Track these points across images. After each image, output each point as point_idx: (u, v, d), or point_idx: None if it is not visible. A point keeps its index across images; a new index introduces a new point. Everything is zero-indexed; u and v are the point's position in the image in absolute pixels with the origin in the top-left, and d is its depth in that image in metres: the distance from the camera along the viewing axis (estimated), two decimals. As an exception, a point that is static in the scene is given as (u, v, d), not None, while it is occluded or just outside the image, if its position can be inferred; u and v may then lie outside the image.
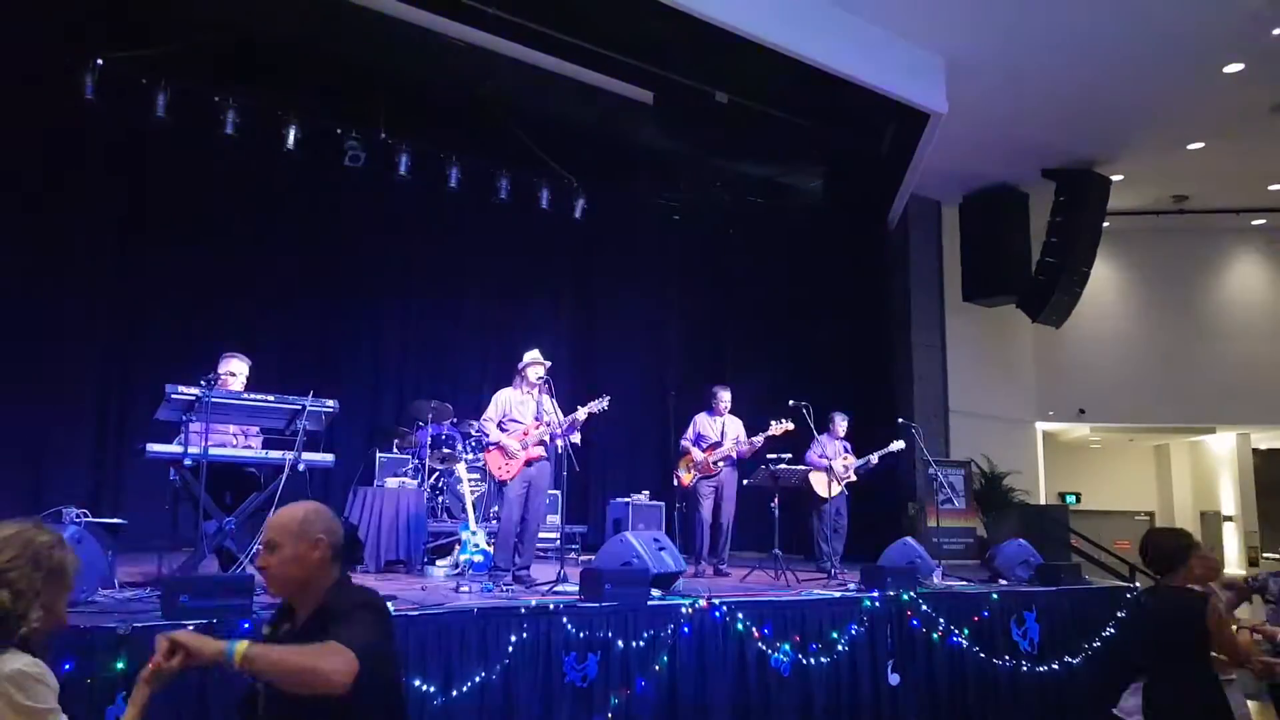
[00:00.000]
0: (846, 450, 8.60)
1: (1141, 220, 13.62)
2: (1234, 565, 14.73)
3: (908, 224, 12.46)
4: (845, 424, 8.60)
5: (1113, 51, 9.15)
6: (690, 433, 8.27)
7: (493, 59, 8.65)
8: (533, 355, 6.80)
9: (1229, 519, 15.19)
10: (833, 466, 8.21)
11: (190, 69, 8.29)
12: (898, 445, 8.17)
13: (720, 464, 8.04)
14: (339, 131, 9.11)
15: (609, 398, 6.73)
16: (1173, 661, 3.73)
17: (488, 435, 6.65)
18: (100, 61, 7.83)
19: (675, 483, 8.33)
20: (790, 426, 8.19)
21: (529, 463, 6.54)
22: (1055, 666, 6.97)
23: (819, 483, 8.27)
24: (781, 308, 12.34)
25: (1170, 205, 13.43)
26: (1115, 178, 11.91)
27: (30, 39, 7.80)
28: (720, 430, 8.17)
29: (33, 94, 7.98)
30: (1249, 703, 3.80)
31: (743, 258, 12.17)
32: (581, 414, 6.56)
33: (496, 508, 7.13)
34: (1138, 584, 8.58)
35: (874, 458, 8.24)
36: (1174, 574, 3.79)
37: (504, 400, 6.75)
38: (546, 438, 6.64)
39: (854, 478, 8.30)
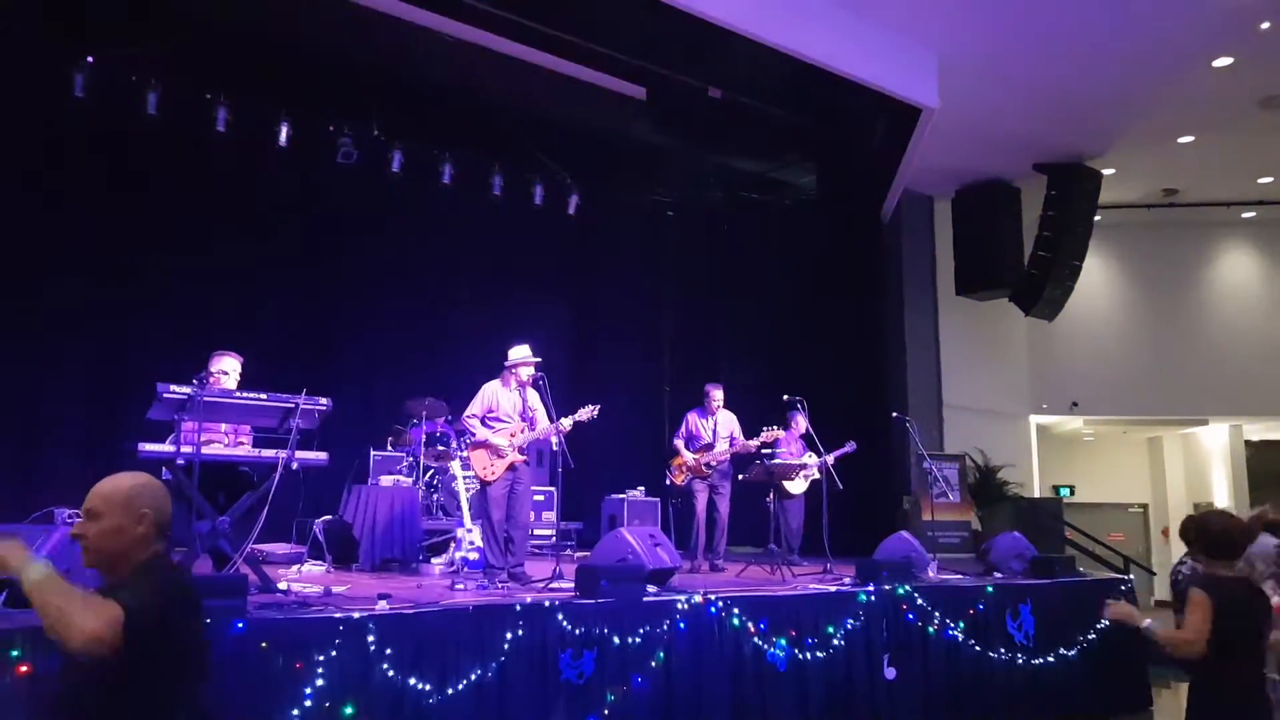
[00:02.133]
0: (804, 448, 8.57)
1: (1133, 214, 13.67)
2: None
3: (900, 218, 12.46)
4: (805, 422, 8.55)
5: (1103, 46, 9.17)
6: (682, 431, 8.26)
7: (486, 55, 8.63)
8: (522, 353, 6.66)
9: (1222, 511, 15.23)
10: (776, 466, 8.18)
11: (181, 67, 8.26)
12: (850, 447, 8.12)
13: (712, 465, 8.02)
14: (331, 129, 9.07)
15: (598, 406, 6.60)
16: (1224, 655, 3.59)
17: (473, 433, 6.58)
18: (91, 59, 7.79)
19: (668, 482, 8.32)
20: (780, 433, 8.19)
21: (512, 465, 6.47)
22: (1050, 659, 6.99)
23: (787, 480, 8.27)
24: (775, 303, 12.34)
25: (1161, 199, 13.48)
26: (1107, 171, 11.94)
27: (20, 36, 7.75)
28: (712, 429, 8.14)
29: (23, 91, 7.93)
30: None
31: (736, 253, 12.16)
32: (567, 423, 6.41)
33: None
34: (1131, 576, 8.61)
35: (829, 458, 8.16)
36: (1231, 563, 3.68)
37: (490, 395, 6.65)
38: (528, 441, 6.57)
39: (816, 475, 8.28)
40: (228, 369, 5.99)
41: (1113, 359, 14.46)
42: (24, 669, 3.29)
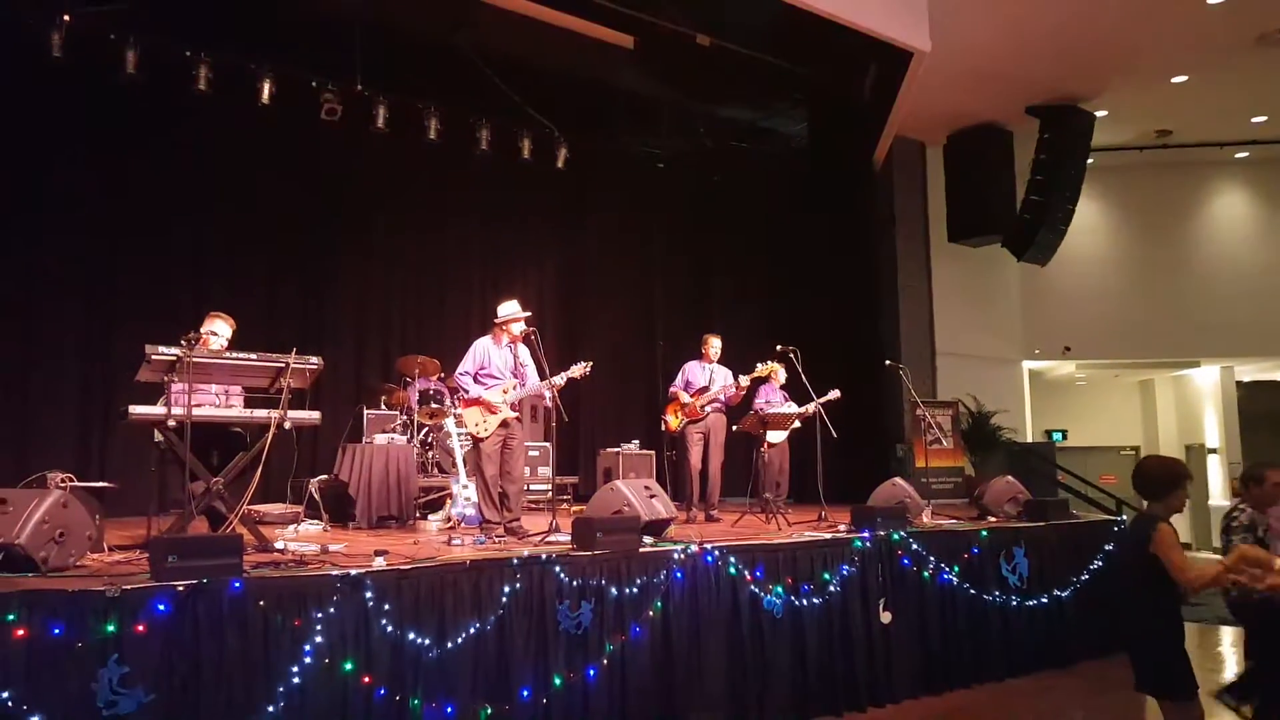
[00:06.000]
0: (785, 398, 8.57)
1: (1125, 156, 13.60)
2: (1218, 497, 14.94)
3: (892, 165, 12.38)
4: (783, 373, 8.54)
5: (1097, -17, 9.04)
6: (680, 379, 8.26)
7: (469, 5, 8.48)
8: (511, 309, 6.59)
9: (1213, 451, 15.36)
10: (770, 416, 8.14)
11: (160, 24, 8.10)
12: (834, 394, 8.11)
13: (707, 409, 8.03)
14: (314, 84, 8.93)
15: (590, 364, 6.58)
16: (1131, 588, 3.77)
17: (466, 390, 6.56)
18: (67, 18, 7.63)
19: (662, 427, 8.32)
20: (774, 368, 8.21)
21: (504, 423, 6.43)
22: (1044, 600, 7.07)
23: (772, 430, 8.25)
24: (766, 252, 12.29)
25: (1154, 140, 13.39)
26: (1099, 113, 11.84)
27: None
28: (710, 377, 8.15)
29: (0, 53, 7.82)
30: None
31: (727, 203, 12.08)
32: (560, 380, 6.38)
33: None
34: (1124, 517, 8.68)
35: (810, 407, 8.12)
36: (1157, 503, 3.78)
37: (481, 352, 6.59)
38: (520, 399, 6.56)
39: (798, 424, 8.28)
40: (217, 330, 5.96)
41: (1105, 302, 14.47)
42: (20, 633, 3.29)
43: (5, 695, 3.22)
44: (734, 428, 8.26)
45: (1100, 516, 8.96)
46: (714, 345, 8.26)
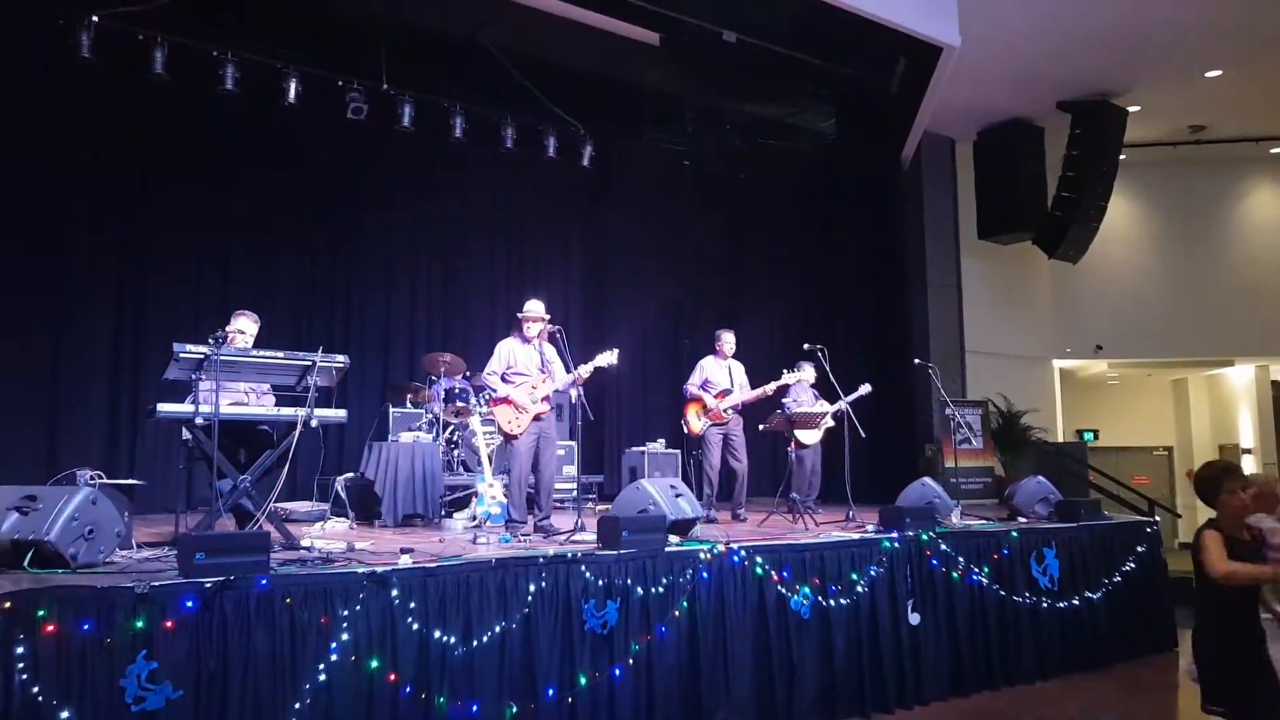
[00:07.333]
0: (816, 397, 8.49)
1: (1158, 152, 13.39)
2: (1253, 498, 14.68)
3: (921, 162, 12.26)
4: (813, 371, 8.45)
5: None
6: (697, 378, 8.16)
7: (494, 3, 8.48)
8: (531, 307, 6.65)
9: (1248, 451, 15.10)
10: (798, 415, 8.06)
11: (187, 24, 8.16)
12: (865, 389, 8.02)
13: (730, 411, 7.98)
14: (340, 83, 8.96)
15: (617, 350, 6.59)
16: (1199, 599, 3.70)
17: (495, 390, 6.55)
18: (95, 19, 7.70)
19: (684, 429, 8.27)
20: (805, 375, 8.16)
21: (537, 417, 6.46)
22: (1076, 602, 6.97)
23: (802, 430, 8.18)
24: (794, 250, 12.22)
25: (1187, 135, 13.18)
26: (1132, 109, 11.67)
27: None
28: (728, 374, 8.09)
29: (29, 55, 7.88)
30: None
31: (754, 201, 12.02)
32: (587, 370, 6.40)
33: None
34: (1157, 519, 8.55)
35: (843, 404, 8.04)
36: (1215, 508, 3.69)
37: (506, 351, 6.63)
38: (551, 392, 6.57)
39: (831, 423, 8.20)
40: (244, 328, 5.99)
41: (1137, 301, 14.27)
42: (50, 629, 3.31)
43: (35, 690, 3.24)
44: (761, 427, 8.20)
45: (1132, 518, 8.82)
46: (728, 340, 8.18)
